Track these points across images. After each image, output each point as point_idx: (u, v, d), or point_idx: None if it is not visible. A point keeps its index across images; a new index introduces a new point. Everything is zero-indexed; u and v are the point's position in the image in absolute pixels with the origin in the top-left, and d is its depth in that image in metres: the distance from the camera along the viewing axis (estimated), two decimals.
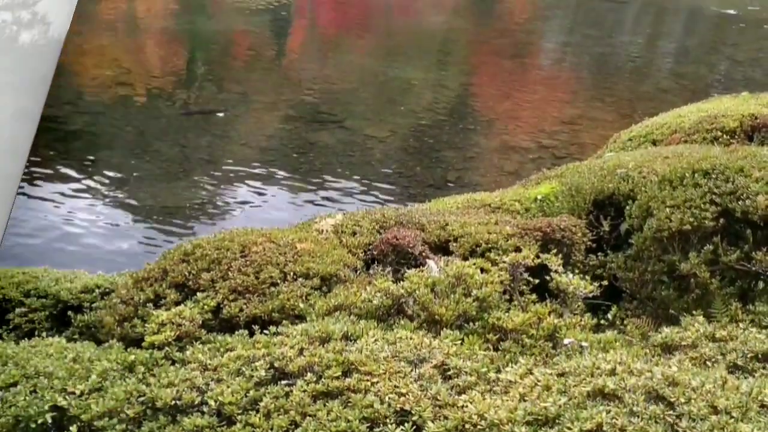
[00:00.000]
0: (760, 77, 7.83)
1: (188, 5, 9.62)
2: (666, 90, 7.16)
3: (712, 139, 3.69)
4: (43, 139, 4.90)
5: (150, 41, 7.78)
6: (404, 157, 5.18)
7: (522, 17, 10.62)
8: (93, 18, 8.41)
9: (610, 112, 6.32)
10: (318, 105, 6.04)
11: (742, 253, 2.20)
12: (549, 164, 4.98)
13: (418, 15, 10.02)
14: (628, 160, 3.04)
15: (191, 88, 6.35)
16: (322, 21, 9.94)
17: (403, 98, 6.41)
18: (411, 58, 7.78)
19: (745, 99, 4.66)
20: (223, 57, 7.51)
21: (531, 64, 8.18)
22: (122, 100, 5.81)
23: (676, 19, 11.40)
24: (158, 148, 4.91)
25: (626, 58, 8.46)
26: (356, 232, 2.39)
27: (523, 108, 6.37)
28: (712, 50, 9.23)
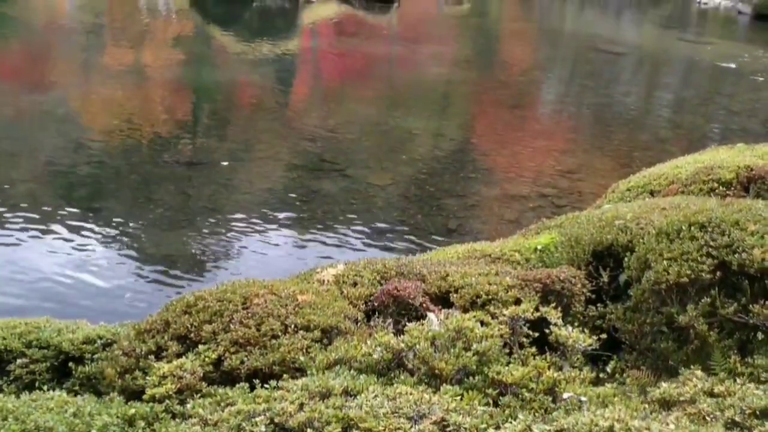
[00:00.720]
0: (756, 127, 7.96)
1: (194, 56, 9.88)
2: (664, 140, 7.27)
3: (708, 190, 3.73)
4: (48, 188, 4.99)
5: (156, 91, 7.96)
6: (406, 205, 5.23)
7: (521, 69, 10.86)
8: (100, 68, 8.65)
9: (609, 162, 6.40)
10: (321, 154, 6.12)
11: (740, 306, 2.21)
12: (549, 213, 5.03)
13: (419, 66, 10.25)
14: (626, 211, 3.08)
15: (196, 137, 6.46)
16: (325, 72, 10.17)
17: (404, 147, 6.50)
18: (412, 108, 7.94)
19: (741, 150, 4.73)
20: (228, 107, 7.66)
21: (530, 114, 8.33)
22: (128, 148, 5.91)
23: (673, 70, 11.65)
24: (162, 196, 4.97)
25: (624, 109, 8.62)
26: (357, 282, 2.41)
27: (523, 157, 6.46)
28: (708, 100, 9.39)
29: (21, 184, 5.00)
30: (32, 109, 6.74)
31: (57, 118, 6.60)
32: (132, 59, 9.31)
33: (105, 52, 9.68)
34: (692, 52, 12.81)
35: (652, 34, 15.54)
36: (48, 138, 6.03)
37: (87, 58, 9.30)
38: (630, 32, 15.90)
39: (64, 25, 11.88)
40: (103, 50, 9.77)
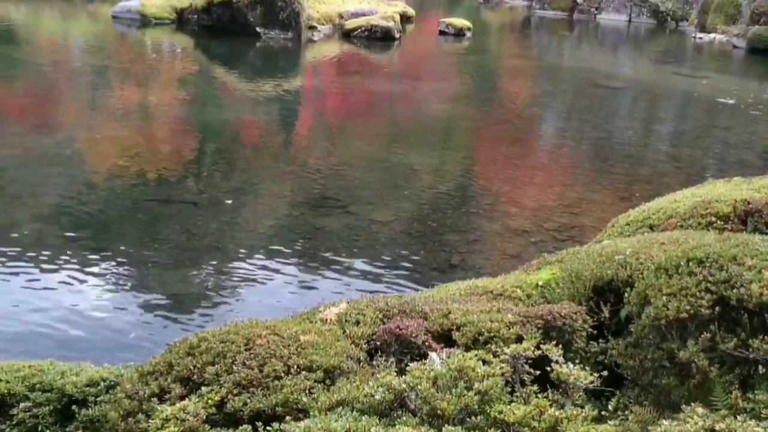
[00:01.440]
0: (753, 159, 8.02)
1: (198, 95, 10.05)
2: (662, 173, 7.33)
3: (706, 224, 3.75)
4: (53, 229, 5.04)
5: (161, 130, 8.07)
6: (408, 241, 5.26)
7: (521, 104, 11.00)
8: (106, 108, 8.79)
9: (609, 195, 6.45)
10: (324, 191, 6.18)
11: (740, 341, 2.23)
12: (550, 247, 5.06)
13: (420, 103, 10.39)
14: (626, 246, 3.11)
15: (201, 176, 6.53)
16: (328, 109, 10.32)
17: (406, 183, 6.56)
18: (414, 144, 8.03)
19: (738, 184, 4.77)
20: (232, 145, 7.76)
21: (531, 148, 8.41)
22: (133, 188, 5.97)
23: (670, 104, 11.79)
24: (167, 235, 5.02)
25: (623, 142, 8.70)
26: (360, 321, 2.43)
27: (523, 191, 6.51)
28: (706, 133, 9.48)
29: (26, 225, 5.06)
30: (38, 149, 6.84)
31: (63, 159, 6.69)
32: (137, 99, 9.46)
33: (111, 92, 9.85)
34: (689, 86, 12.98)
35: (648, 69, 15.75)
36: (54, 178, 6.11)
37: (93, 98, 9.47)
38: (627, 67, 16.14)
39: (71, 66, 12.11)
40: (108, 90, 9.94)
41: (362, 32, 16.38)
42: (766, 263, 2.42)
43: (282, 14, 15.03)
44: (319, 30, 16.26)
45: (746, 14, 19.88)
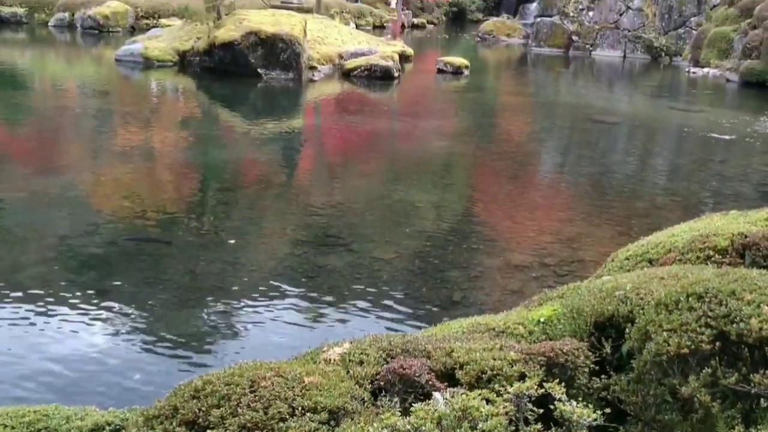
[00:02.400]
0: (749, 192, 8.09)
1: (201, 136, 10.19)
2: (660, 206, 7.39)
3: (705, 258, 3.78)
4: (58, 271, 5.07)
5: (164, 171, 8.17)
6: (410, 278, 5.29)
7: (519, 140, 11.14)
8: (110, 150, 8.91)
9: (608, 229, 6.50)
10: (326, 229, 6.24)
11: (741, 375, 2.24)
12: (551, 282, 5.08)
13: (419, 140, 10.53)
14: (626, 282, 3.14)
15: (204, 216, 6.59)
16: (329, 148, 10.44)
17: (407, 220, 6.62)
18: (414, 182, 8.12)
19: (735, 217, 4.81)
20: (234, 185, 7.84)
21: (529, 184, 8.49)
22: (137, 229, 6.03)
23: (666, 138, 11.92)
24: (171, 276, 5.05)
25: (620, 177, 8.79)
26: (363, 361, 2.44)
27: (523, 227, 6.56)
28: (702, 167, 9.58)
29: (30, 268, 5.10)
30: (43, 192, 6.92)
31: (67, 201, 6.76)
32: (141, 141, 9.60)
33: (114, 134, 10.00)
34: (684, 120, 13.15)
35: (644, 103, 15.97)
36: (58, 221, 6.17)
37: (97, 140, 9.61)
38: (623, 102, 16.36)
39: (75, 109, 12.31)
40: (112, 133, 10.09)
41: (362, 71, 16.68)
42: (764, 297, 2.45)
43: (283, 55, 15.34)
44: (319, 70, 16.56)
45: (738, 49, 20.23)
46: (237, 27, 15.39)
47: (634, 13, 26.66)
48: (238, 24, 15.50)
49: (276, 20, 15.73)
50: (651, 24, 26.31)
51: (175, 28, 19.20)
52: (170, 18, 25.93)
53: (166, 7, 27.48)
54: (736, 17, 21.64)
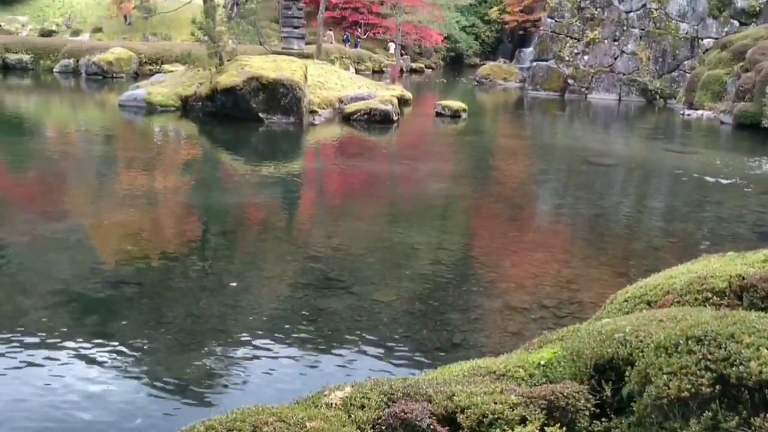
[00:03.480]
0: (745, 233, 8.15)
1: (203, 180, 10.31)
2: (657, 248, 7.44)
3: (703, 299, 3.82)
4: (61, 315, 5.09)
5: (166, 215, 8.24)
6: (410, 320, 5.30)
7: (517, 182, 11.26)
8: (113, 194, 9.01)
9: (606, 271, 6.54)
10: (326, 271, 6.27)
11: (741, 419, 2.26)
12: (551, 324, 5.10)
13: (418, 183, 10.64)
14: (625, 324, 3.18)
15: (205, 259, 6.63)
16: (329, 191, 10.55)
17: (407, 262, 6.66)
18: (414, 224, 8.19)
19: (732, 259, 4.86)
20: (235, 228, 7.91)
21: (528, 226, 8.56)
22: (139, 272, 6.06)
23: (662, 180, 12.05)
24: (172, 319, 5.06)
25: (617, 218, 8.87)
26: (365, 405, 2.47)
27: (522, 269, 6.60)
28: (698, 208, 9.67)
29: (33, 313, 5.11)
30: (47, 236, 6.98)
31: (70, 245, 6.81)
32: (143, 185, 9.71)
33: (117, 178, 10.12)
34: (679, 162, 13.31)
35: (640, 146, 16.18)
36: (61, 265, 6.21)
37: (100, 185, 9.72)
38: (619, 144, 16.58)
39: (79, 154, 12.48)
40: (115, 177, 10.22)
41: (362, 115, 16.98)
42: (763, 341, 2.48)
43: (284, 100, 15.63)
44: (319, 114, 16.85)
45: (732, 91, 20.61)
46: (239, 72, 15.72)
47: (629, 57, 27.25)
48: (240, 69, 15.84)
49: (277, 66, 16.07)
50: (645, 67, 26.87)
51: (178, 74, 19.59)
52: (173, 63, 26.50)
53: (169, 53, 28.11)
54: (728, 61, 22.12)
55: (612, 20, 27.54)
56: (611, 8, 27.57)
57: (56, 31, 34.27)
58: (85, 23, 35.22)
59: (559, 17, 28.51)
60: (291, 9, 21.32)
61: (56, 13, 35.89)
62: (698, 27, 26.25)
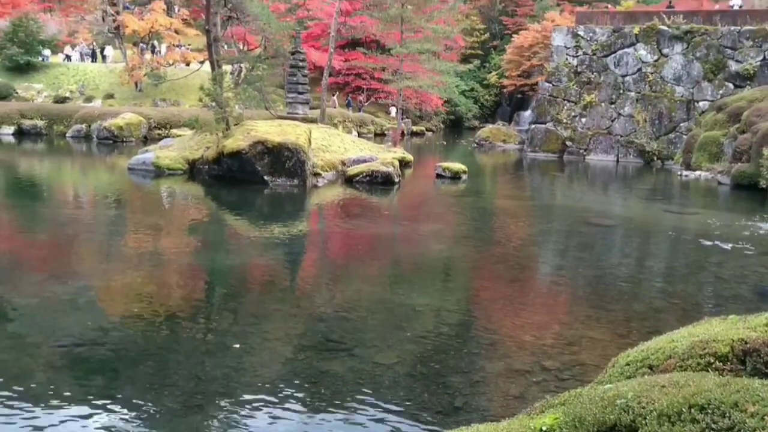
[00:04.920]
0: (746, 294, 8.19)
1: (208, 242, 10.46)
2: (658, 309, 7.48)
3: (705, 364, 3.84)
4: (66, 376, 5.13)
5: (172, 276, 8.34)
6: (412, 383, 5.31)
7: (517, 243, 11.37)
8: (120, 255, 9.14)
9: (607, 333, 6.57)
10: (328, 334, 6.32)
11: None
12: (553, 387, 5.12)
13: (420, 244, 10.77)
14: (627, 390, 3.22)
15: (209, 321, 6.69)
16: (331, 252, 10.66)
17: (409, 324, 6.70)
18: (415, 285, 8.26)
19: (734, 322, 4.89)
20: (239, 290, 7.99)
21: (529, 287, 8.62)
22: (144, 334, 6.13)
23: (661, 240, 12.14)
24: (176, 381, 5.10)
25: (618, 279, 8.92)
26: None
27: (524, 330, 6.63)
28: (699, 269, 9.72)
29: (39, 374, 5.16)
30: (55, 298, 7.08)
31: (78, 307, 6.90)
32: (150, 247, 9.85)
33: (125, 240, 10.27)
34: (678, 222, 13.45)
35: (639, 206, 16.36)
36: (68, 327, 6.28)
37: (108, 247, 9.86)
38: (618, 205, 16.77)
39: (88, 216, 12.71)
40: (123, 239, 10.38)
41: (364, 177, 17.31)
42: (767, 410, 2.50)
43: (288, 163, 15.98)
44: (323, 176, 17.18)
45: (729, 153, 20.97)
46: (245, 137, 16.14)
47: (626, 119, 27.88)
48: (246, 134, 16.27)
49: (282, 130, 16.51)
50: (642, 129, 27.43)
51: (186, 138, 20.08)
52: (181, 128, 27.20)
53: (178, 118, 28.87)
54: (724, 122, 22.61)
55: (608, 84, 28.32)
56: (607, 72, 28.40)
57: (70, 97, 35.34)
58: (97, 90, 36.32)
59: (556, 81, 29.34)
60: (296, 76, 22.03)
61: (70, 80, 37.08)
62: (693, 90, 26.95)
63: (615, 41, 28.34)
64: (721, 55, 26.55)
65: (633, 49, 27.97)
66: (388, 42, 39.08)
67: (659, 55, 27.59)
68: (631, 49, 28.02)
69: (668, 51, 27.38)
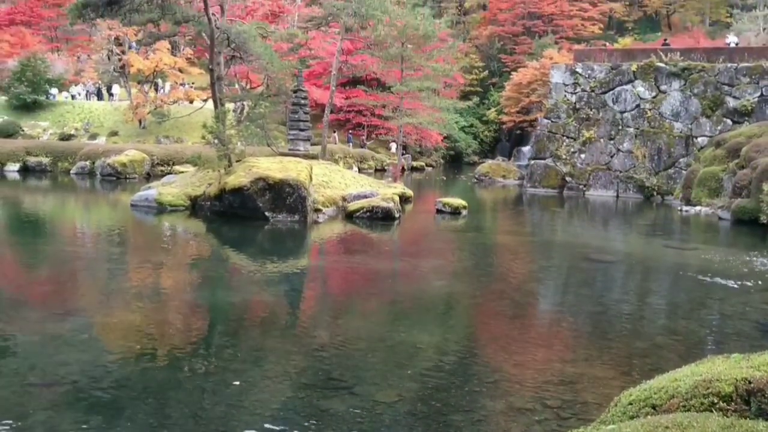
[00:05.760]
0: (749, 330, 8.16)
1: (209, 278, 10.48)
2: (660, 346, 7.45)
3: (709, 404, 3.83)
4: (66, 415, 5.11)
5: (172, 313, 8.34)
6: (413, 422, 5.28)
7: (518, 280, 11.37)
8: (121, 292, 9.15)
9: (609, 370, 6.54)
10: (329, 371, 6.29)
11: None
12: (554, 425, 5.09)
13: (420, 280, 10.77)
14: (630, 431, 3.20)
15: (209, 358, 6.67)
16: (332, 288, 10.66)
17: (410, 362, 6.68)
18: (416, 322, 8.25)
19: (737, 361, 4.87)
20: (240, 326, 7.98)
21: (530, 324, 8.60)
22: (144, 371, 6.12)
23: (663, 276, 12.13)
24: (176, 420, 5.07)
25: (619, 316, 8.90)
26: None
27: (525, 368, 6.60)
28: (701, 305, 9.70)
29: (40, 412, 5.14)
30: (56, 335, 7.09)
31: (78, 343, 6.90)
32: (151, 283, 9.88)
33: (126, 276, 10.30)
34: (679, 258, 13.46)
35: (639, 242, 16.38)
36: (69, 364, 6.27)
37: (109, 283, 9.89)
38: (618, 241, 16.78)
39: (91, 253, 12.75)
40: (124, 275, 10.40)
41: (364, 213, 17.40)
42: None
43: (289, 199, 16.08)
44: (323, 212, 17.27)
45: (728, 188, 21.07)
46: (247, 173, 16.29)
47: (625, 155, 28.10)
48: (248, 170, 16.42)
49: (284, 166, 16.67)
50: (641, 165, 27.62)
51: (188, 175, 20.26)
52: (184, 165, 27.46)
53: (181, 154, 29.17)
54: (723, 158, 22.78)
55: (607, 120, 28.64)
56: (606, 109, 28.75)
57: (75, 135, 35.81)
58: (102, 127, 36.81)
59: (555, 118, 29.69)
60: (298, 113, 22.34)
61: (76, 118, 37.61)
62: (692, 126, 27.23)
63: (613, 78, 28.76)
64: (718, 91, 26.91)
65: (631, 85, 28.37)
66: (389, 80, 39.69)
67: (657, 92, 27.97)
68: (629, 85, 28.42)
69: (666, 87, 27.77)
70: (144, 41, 27.05)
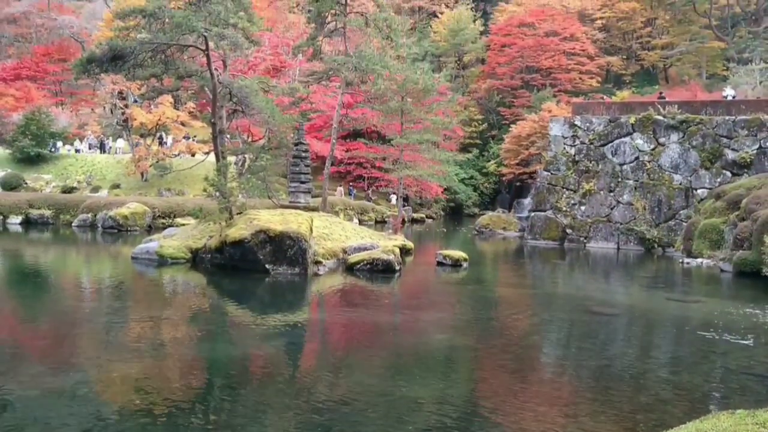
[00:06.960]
0: (754, 385, 8.06)
1: (209, 331, 10.41)
2: (665, 401, 7.35)
3: None
4: None
5: (171, 367, 8.27)
6: None
7: (519, 333, 11.28)
8: (120, 345, 9.09)
9: (613, 426, 6.43)
10: (329, 427, 6.21)
11: None
12: None
13: (421, 333, 10.70)
14: None
15: (208, 413, 6.59)
16: (332, 342, 10.58)
17: (410, 417, 6.59)
18: (417, 376, 8.16)
19: (742, 417, 4.84)
20: (239, 381, 7.90)
21: (532, 378, 8.50)
22: (143, 427, 6.05)
23: (665, 329, 12.04)
24: None
25: (622, 369, 8.81)
26: None
27: (527, 423, 6.51)
28: (704, 359, 9.60)
29: None
30: (55, 389, 7.04)
31: (77, 398, 6.84)
32: (151, 336, 9.82)
33: (126, 330, 10.25)
34: (682, 311, 13.38)
35: (641, 294, 16.30)
36: (68, 418, 6.21)
37: (109, 337, 9.84)
38: (620, 293, 16.71)
39: (91, 306, 12.72)
40: (124, 329, 10.35)
41: (365, 265, 17.41)
42: None
43: (290, 252, 16.12)
44: (324, 264, 17.28)
45: (729, 240, 21.10)
46: (248, 226, 16.38)
47: (625, 207, 28.27)
48: (249, 223, 16.52)
49: (284, 219, 16.78)
50: (642, 217, 27.74)
51: (189, 227, 20.37)
52: (185, 217, 27.63)
53: (182, 207, 29.39)
54: (723, 210, 22.91)
55: (606, 172, 28.94)
56: (605, 161, 29.08)
57: (77, 187, 36.19)
58: (104, 180, 37.22)
59: (554, 170, 30.00)
60: (299, 165, 22.62)
61: (78, 171, 38.08)
62: (691, 178, 27.48)
63: (612, 131, 29.22)
64: (717, 143, 27.29)
65: (630, 138, 28.79)
66: (389, 132, 40.36)
67: (656, 144, 28.36)
68: (627, 138, 28.84)
69: (665, 140, 28.17)
70: (147, 95, 27.71)
